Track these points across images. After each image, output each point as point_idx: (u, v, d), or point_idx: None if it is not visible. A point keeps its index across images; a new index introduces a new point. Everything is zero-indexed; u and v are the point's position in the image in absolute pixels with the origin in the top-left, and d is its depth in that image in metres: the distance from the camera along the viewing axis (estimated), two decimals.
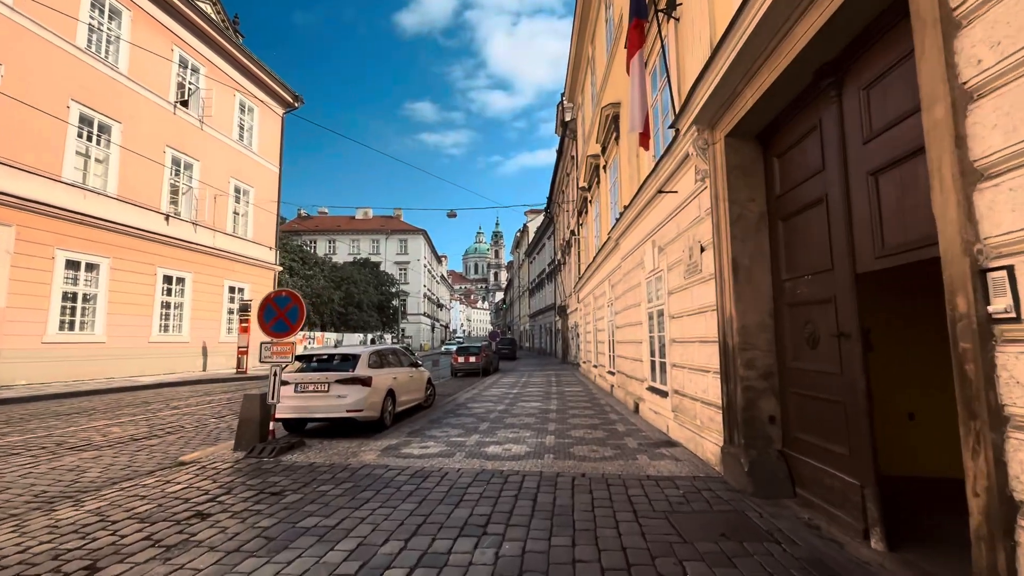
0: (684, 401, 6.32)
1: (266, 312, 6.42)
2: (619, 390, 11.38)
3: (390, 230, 62.03)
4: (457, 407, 10.35)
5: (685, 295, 6.26)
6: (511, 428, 7.79)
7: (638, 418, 8.61)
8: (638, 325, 9.02)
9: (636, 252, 9.07)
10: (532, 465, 5.46)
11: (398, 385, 8.48)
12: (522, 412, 9.51)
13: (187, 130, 19.92)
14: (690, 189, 6.01)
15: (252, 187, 24.13)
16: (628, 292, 9.93)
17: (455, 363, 20.08)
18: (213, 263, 21.25)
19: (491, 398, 11.93)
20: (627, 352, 10.28)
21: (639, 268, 8.80)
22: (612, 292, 12.25)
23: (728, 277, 4.89)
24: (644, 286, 8.50)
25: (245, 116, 23.86)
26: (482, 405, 10.59)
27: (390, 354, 9.08)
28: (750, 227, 4.88)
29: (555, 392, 13.15)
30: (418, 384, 9.79)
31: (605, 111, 12.42)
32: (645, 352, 8.50)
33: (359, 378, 7.31)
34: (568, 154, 24.67)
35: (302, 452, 6.14)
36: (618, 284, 11.26)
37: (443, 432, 7.47)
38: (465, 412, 9.59)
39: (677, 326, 6.63)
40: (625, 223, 9.60)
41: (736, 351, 4.76)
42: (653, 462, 5.53)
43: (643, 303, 8.56)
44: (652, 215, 7.80)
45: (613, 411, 9.59)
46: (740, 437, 4.68)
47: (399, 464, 5.54)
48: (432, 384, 10.84)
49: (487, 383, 16.15)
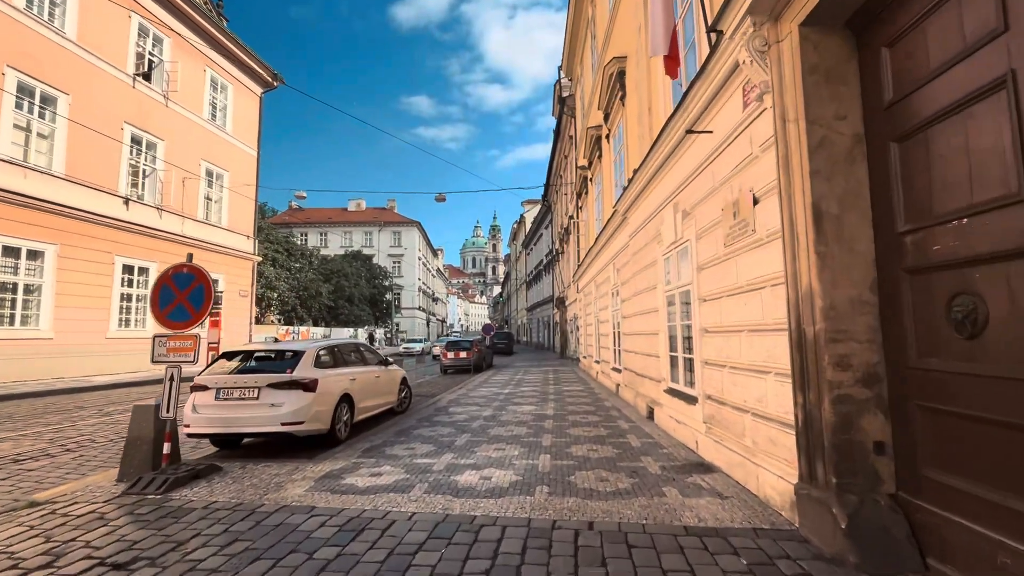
0: (724, 412, 4.72)
1: (162, 294, 4.80)
2: (627, 390, 9.79)
3: (383, 222, 60.30)
4: (436, 412, 8.75)
5: (726, 269, 4.65)
6: (496, 442, 6.19)
7: (654, 427, 7.02)
8: (652, 313, 7.41)
9: (650, 223, 7.45)
10: (518, 506, 3.87)
11: (358, 388, 6.88)
12: (512, 419, 7.92)
13: (149, 106, 18.17)
14: (733, 123, 4.38)
15: (227, 171, 22.41)
16: (639, 274, 8.31)
17: (444, 359, 18.49)
18: (182, 252, 19.46)
19: (479, 400, 10.33)
20: (637, 346, 8.68)
21: (654, 243, 7.18)
22: (617, 277, 10.63)
23: (805, 233, 3.28)
24: (661, 264, 6.89)
25: (218, 94, 22.10)
26: (466, 409, 9.00)
27: (351, 350, 7.47)
28: (839, 158, 3.26)
29: (552, 392, 11.56)
30: (388, 386, 8.19)
31: (608, 69, 10.76)
32: (662, 346, 6.90)
33: (300, 381, 5.69)
34: (566, 134, 22.99)
35: (207, 483, 4.53)
36: (625, 267, 9.64)
37: (408, 449, 5.86)
38: (444, 419, 8.00)
39: (712, 311, 5.02)
40: (635, 191, 7.97)
41: (820, 343, 3.16)
42: (688, 500, 3.94)
43: (659, 285, 6.95)
44: (673, 172, 6.17)
45: (622, 416, 8.00)
46: (828, 473, 3.08)
47: (330, 506, 3.94)
48: (407, 385, 9.23)
49: (477, 381, 14.57)
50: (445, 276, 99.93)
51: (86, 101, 15.54)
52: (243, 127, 23.65)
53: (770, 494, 3.77)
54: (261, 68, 24.02)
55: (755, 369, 4.06)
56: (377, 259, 55.04)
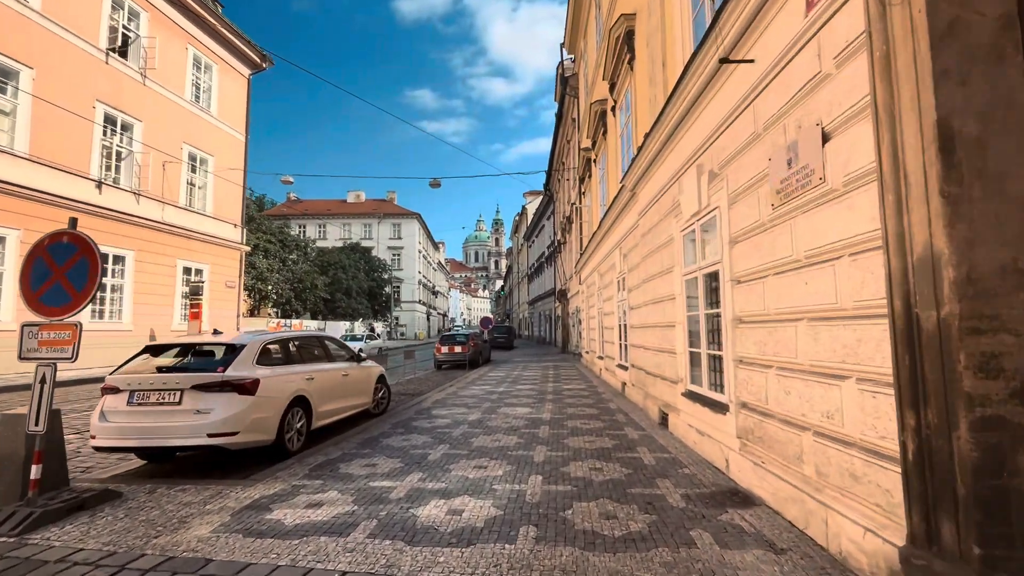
0: (769, 427, 3.60)
1: (34, 270, 3.68)
2: (635, 390, 8.68)
3: (382, 214, 59.17)
4: (417, 415, 7.66)
5: (774, 238, 3.51)
6: (478, 457, 5.10)
7: (669, 437, 5.91)
8: (667, 301, 6.29)
9: (665, 195, 6.30)
10: (491, 563, 2.77)
11: (318, 389, 5.79)
12: (502, 425, 6.82)
13: (125, 84, 17.06)
14: (787, 39, 3.23)
15: (212, 156, 21.31)
16: (650, 257, 7.17)
17: (438, 354, 17.41)
18: (162, 240, 18.50)
19: (468, 400, 9.24)
20: (647, 340, 7.56)
21: (670, 217, 6.04)
22: (624, 263, 9.49)
23: (923, 170, 2.14)
24: (679, 242, 5.75)
25: (202, 75, 20.96)
26: (451, 412, 7.91)
27: (312, 344, 6.38)
28: (979, 51, 2.12)
29: (551, 391, 10.46)
30: (360, 385, 7.10)
31: (615, 31, 9.57)
32: (679, 340, 5.77)
33: (233, 382, 4.60)
34: (568, 117, 21.77)
35: (89, 518, 3.46)
36: (633, 251, 8.51)
37: (368, 466, 4.77)
38: (423, 424, 6.91)
39: (751, 295, 3.89)
40: (647, 158, 6.82)
41: (950, 334, 2.04)
42: (729, 554, 2.83)
43: (677, 268, 5.81)
44: (697, 126, 5.02)
45: (630, 422, 6.89)
46: (965, 537, 1.97)
47: (232, 559, 2.85)
48: (386, 384, 8.15)
49: (471, 378, 13.48)
50: (447, 270, 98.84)
51: (53, 76, 14.44)
52: (230, 110, 22.52)
53: (850, 551, 2.65)
54: (248, 48, 22.86)
55: (822, 372, 2.94)
56: (376, 251, 53.94)
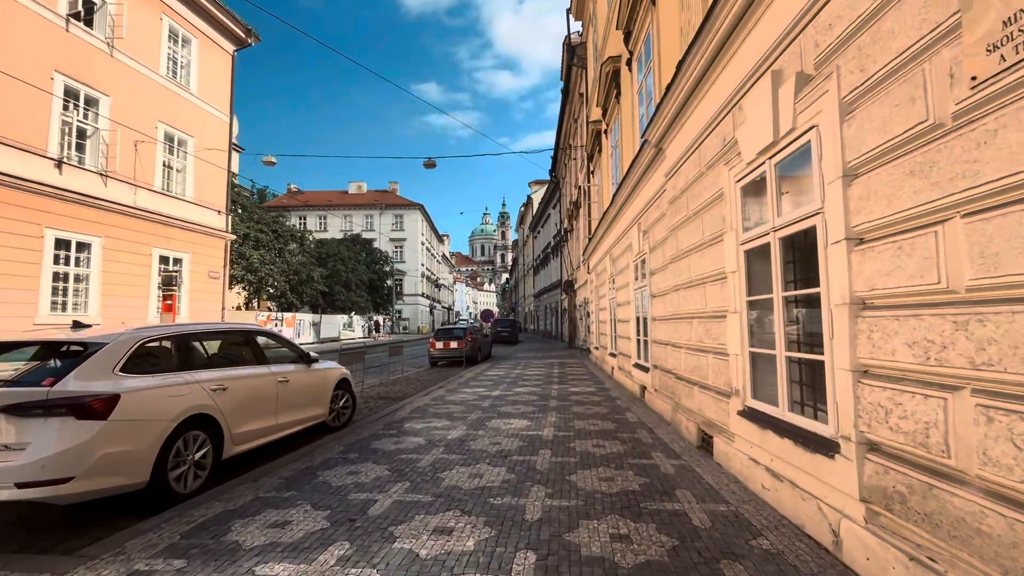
0: (950, 497, 1.94)
1: None
2: (659, 398, 7.04)
3: (384, 204, 57.58)
4: (386, 429, 6.07)
5: (972, 146, 1.84)
6: (443, 511, 3.49)
7: (718, 472, 4.28)
8: (714, 283, 4.62)
9: (710, 136, 4.61)
10: None
11: (233, 403, 4.20)
12: (488, 448, 5.21)
13: (89, 55, 15.55)
14: None
15: (191, 136, 19.82)
16: (684, 226, 5.49)
17: (432, 350, 15.82)
18: (135, 226, 17.06)
19: (454, 408, 7.64)
20: (679, 336, 5.90)
21: (719, 165, 4.36)
22: (644, 241, 7.81)
23: None
24: (733, 197, 4.07)
25: (179, 48, 19.42)
26: (429, 425, 6.31)
27: (235, 342, 4.79)
28: None
29: (555, 396, 8.83)
30: (308, 395, 5.51)
31: None
32: (733, 335, 4.11)
33: (67, 401, 3.01)
34: (576, 92, 19.99)
35: None
36: (658, 224, 6.84)
37: (273, 528, 3.17)
38: (386, 445, 5.31)
39: (901, 260, 2.22)
40: (678, 98, 5.12)
41: None
42: None
43: (730, 233, 4.14)
44: (776, 8, 3.33)
45: (658, 444, 5.25)
46: None
47: None
48: (349, 390, 6.56)
49: (466, 377, 11.88)
50: (452, 263, 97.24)
51: (2, 42, 12.93)
52: (212, 88, 21.00)
53: None
54: (232, 22, 21.28)
55: None
56: (378, 243, 52.43)
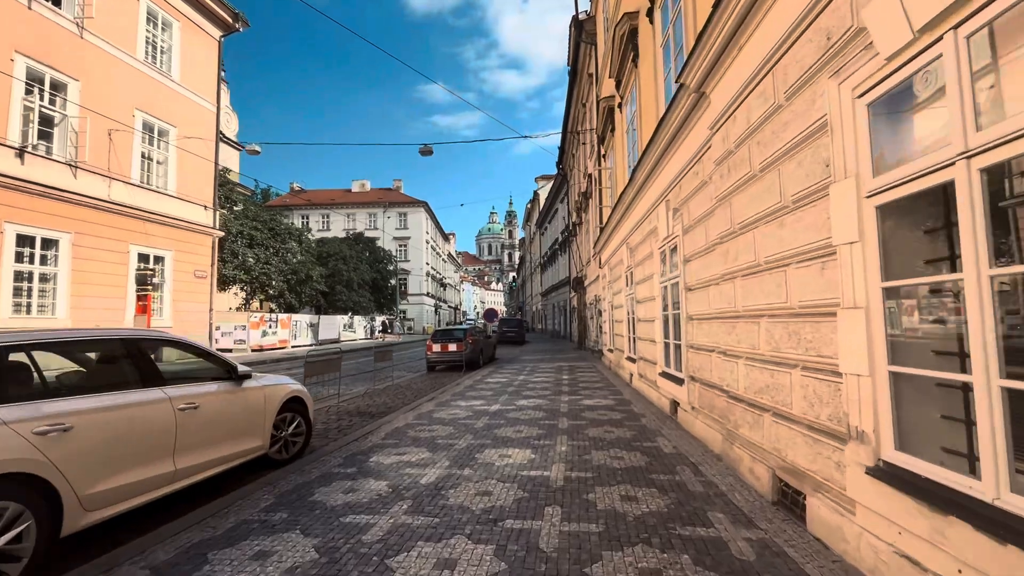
0: None
1: None
2: (697, 419, 5.57)
3: (388, 203, 56.35)
4: (342, 466, 4.66)
5: None
6: None
7: (817, 551, 2.80)
8: (806, 264, 3.14)
9: (803, 38, 3.14)
10: None
11: (86, 450, 2.83)
12: (472, 505, 3.79)
13: (55, 36, 14.30)
14: None
15: (173, 126, 18.56)
16: (742, 190, 4.02)
17: (429, 353, 14.42)
18: (109, 221, 15.81)
19: (440, 430, 6.21)
20: (734, 340, 4.42)
21: (817, 83, 2.89)
22: (674, 223, 6.33)
23: None
24: (845, 130, 2.60)
25: (159, 32, 18.17)
26: (400, 460, 4.89)
27: (107, 355, 3.41)
28: None
29: (565, 411, 7.38)
30: (234, 422, 4.12)
31: None
32: (850, 344, 2.65)
33: None
34: (584, 72, 18.49)
35: None
36: (699, 193, 5.37)
37: None
38: (332, 497, 3.91)
39: None
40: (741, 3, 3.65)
41: None
42: None
43: (844, 182, 2.67)
44: None
45: (715, 498, 3.80)
46: None
47: None
48: (301, 411, 5.15)
49: (463, 386, 10.46)
50: (458, 262, 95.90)
51: None
52: (196, 76, 19.74)
53: None
54: (217, 5, 19.99)
55: None
56: (382, 242, 51.18)
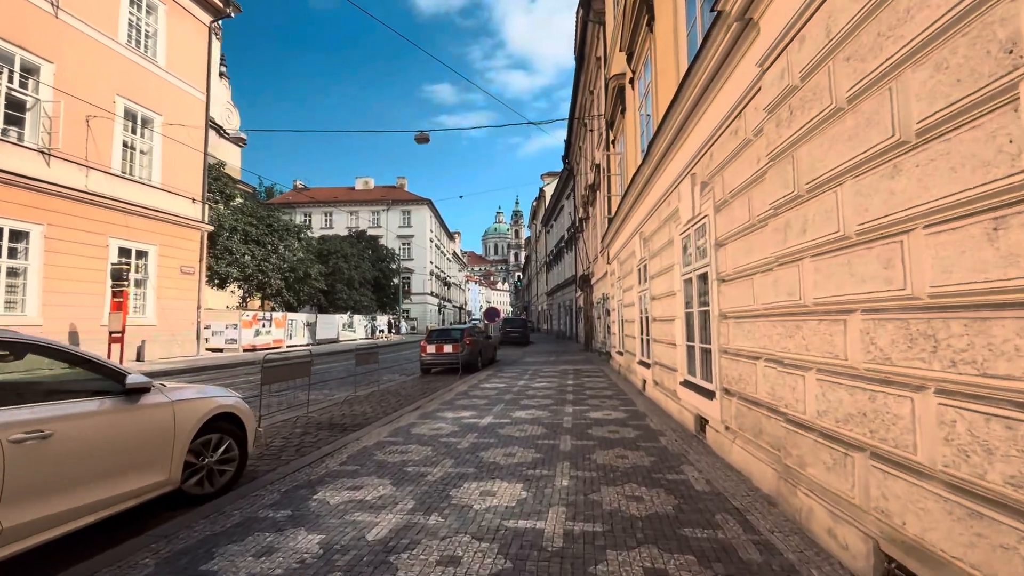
0: None
1: None
2: (735, 444, 4.45)
3: (391, 200, 55.44)
4: (274, 508, 3.59)
5: None
6: None
7: None
8: (950, 230, 2.03)
9: None
10: None
11: None
12: None
13: (26, 14, 13.38)
14: None
15: (159, 114, 17.62)
16: (815, 134, 2.91)
17: (423, 355, 13.35)
18: (86, 213, 14.87)
19: (413, 454, 5.12)
20: (792, 347, 3.31)
21: None
22: (701, 201, 5.20)
23: None
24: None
25: (142, 15, 17.23)
26: (354, 499, 3.82)
27: None
28: None
29: (569, 426, 6.27)
30: (116, 453, 3.06)
31: None
32: None
33: None
34: (592, 56, 17.36)
35: None
36: (741, 155, 4.25)
37: None
38: (242, 563, 2.83)
39: None
40: None
41: None
42: None
43: None
44: None
45: (773, 563, 2.68)
46: None
47: None
48: (234, 433, 4.08)
49: (455, 392, 9.37)
50: (463, 262, 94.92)
51: None
52: (184, 62, 18.79)
53: None
54: None
55: None
56: (385, 240, 50.24)
